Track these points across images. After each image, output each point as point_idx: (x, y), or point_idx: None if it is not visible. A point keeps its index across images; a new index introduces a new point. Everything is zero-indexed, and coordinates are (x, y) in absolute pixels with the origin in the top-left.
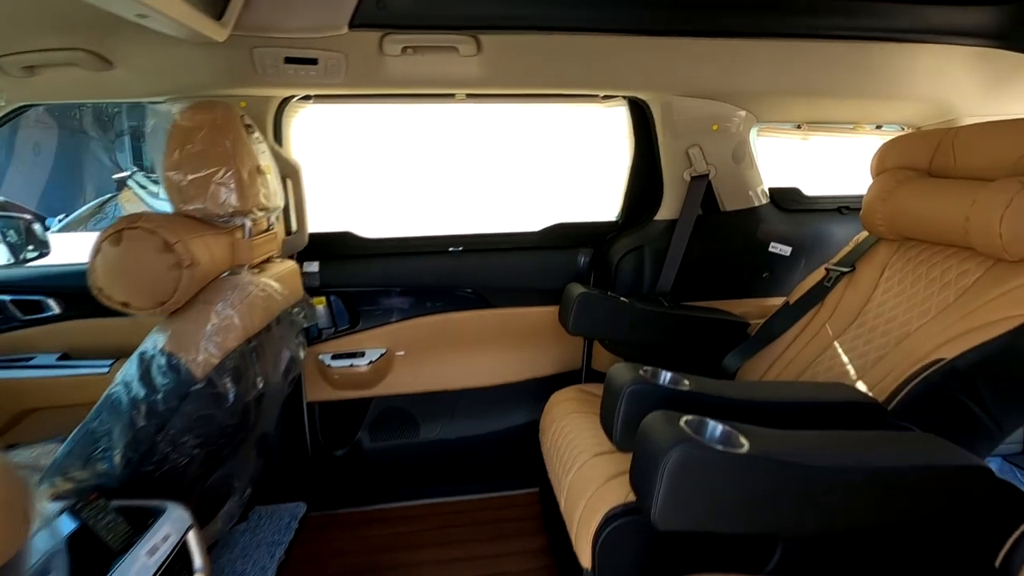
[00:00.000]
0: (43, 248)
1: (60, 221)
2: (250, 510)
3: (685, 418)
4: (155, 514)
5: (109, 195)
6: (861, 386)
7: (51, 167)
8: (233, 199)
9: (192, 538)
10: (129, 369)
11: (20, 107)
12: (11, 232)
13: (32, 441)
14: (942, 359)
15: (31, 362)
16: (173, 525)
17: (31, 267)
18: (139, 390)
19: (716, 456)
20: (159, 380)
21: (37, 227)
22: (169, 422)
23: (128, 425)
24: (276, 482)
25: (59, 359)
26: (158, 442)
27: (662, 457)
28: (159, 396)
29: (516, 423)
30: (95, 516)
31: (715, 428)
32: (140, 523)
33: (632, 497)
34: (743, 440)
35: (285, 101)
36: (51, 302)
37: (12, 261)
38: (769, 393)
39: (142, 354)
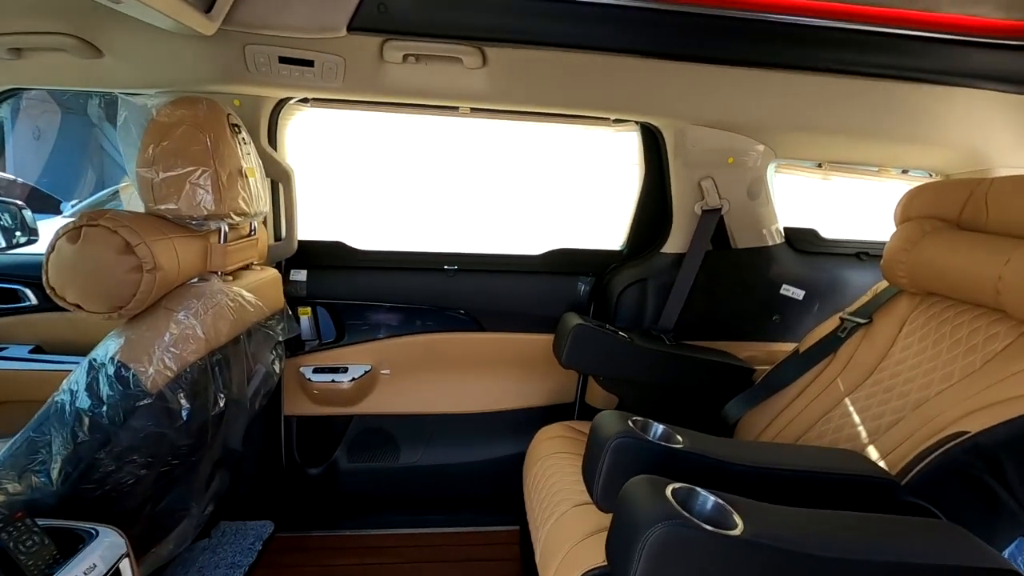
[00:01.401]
0: (31, 235)
1: (74, 206)
2: (214, 525)
3: (672, 486)
4: (86, 538)
5: (125, 184)
6: (873, 452)
7: (70, 152)
8: (209, 201)
9: (125, 568)
10: (77, 376)
11: (7, 91)
12: (5, 216)
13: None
14: (965, 432)
15: (2, 353)
16: (104, 552)
17: (9, 255)
18: (84, 400)
19: (705, 538)
20: (105, 391)
21: (27, 213)
22: (114, 437)
23: (69, 437)
24: (245, 497)
25: (31, 352)
26: (101, 458)
27: (642, 533)
28: (104, 409)
29: (502, 454)
30: (17, 538)
31: (706, 501)
32: (69, 548)
33: None
34: (737, 519)
35: (282, 103)
36: (28, 292)
37: (3, 246)
38: (772, 457)
39: (92, 361)
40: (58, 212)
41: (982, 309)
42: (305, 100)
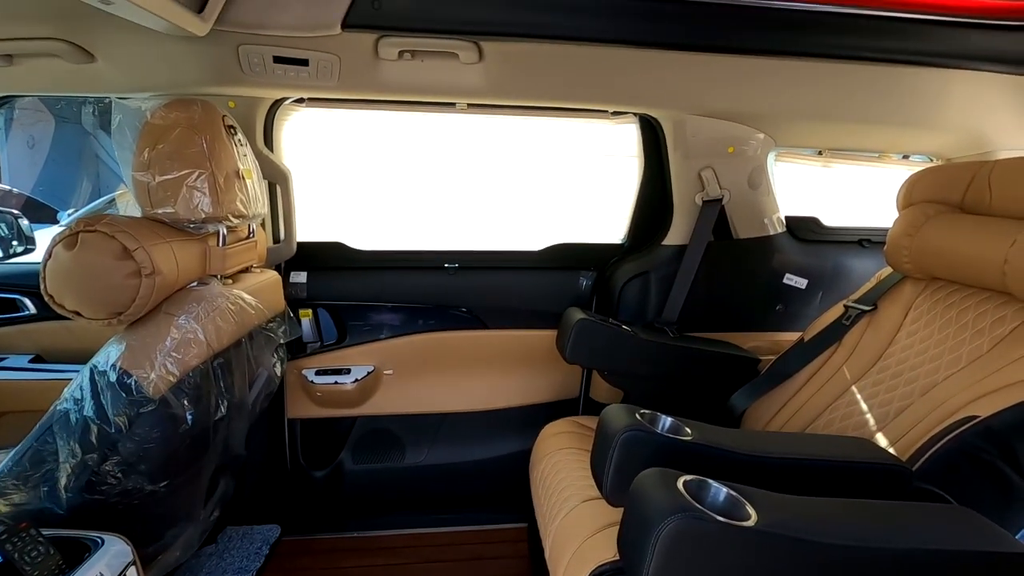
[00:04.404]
0: (29, 244)
1: (70, 215)
2: (220, 531)
3: (684, 479)
4: (92, 547)
5: (121, 191)
6: (882, 439)
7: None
8: (206, 204)
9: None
10: (79, 383)
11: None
12: (2, 226)
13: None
14: (975, 416)
15: (2, 363)
16: (110, 561)
17: (7, 264)
18: (88, 408)
19: (718, 529)
20: (108, 398)
21: (24, 222)
22: (119, 444)
23: (74, 446)
24: (250, 502)
25: (31, 361)
26: (107, 466)
27: (655, 526)
28: (108, 416)
29: (507, 451)
30: (22, 548)
31: (718, 492)
32: (75, 557)
33: None
34: (750, 510)
35: (277, 104)
36: (27, 301)
37: (0, 256)
38: (781, 447)
39: (93, 367)
40: (55, 222)
41: (988, 292)
42: (301, 100)
